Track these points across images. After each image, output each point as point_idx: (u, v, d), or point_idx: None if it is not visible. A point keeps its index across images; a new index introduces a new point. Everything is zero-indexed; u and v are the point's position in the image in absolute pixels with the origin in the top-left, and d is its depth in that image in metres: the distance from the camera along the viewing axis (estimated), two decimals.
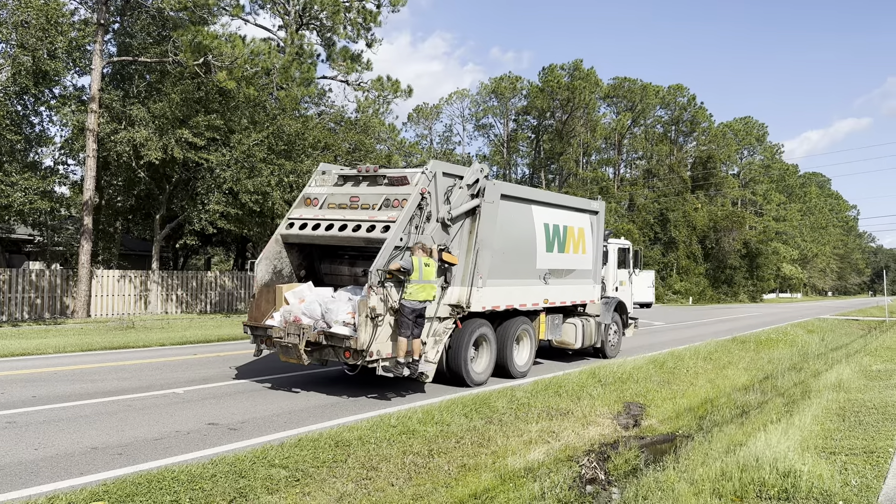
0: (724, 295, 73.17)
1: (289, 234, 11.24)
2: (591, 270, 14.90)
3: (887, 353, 16.83)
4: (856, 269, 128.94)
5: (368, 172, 11.12)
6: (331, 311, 9.95)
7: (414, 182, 10.36)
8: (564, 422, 9.13)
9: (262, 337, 10.54)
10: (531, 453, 7.58)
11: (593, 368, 12.90)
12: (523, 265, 12.64)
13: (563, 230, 13.73)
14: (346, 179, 11.45)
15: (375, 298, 9.36)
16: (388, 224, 10.06)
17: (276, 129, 27.05)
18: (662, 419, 9.95)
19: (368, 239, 10.25)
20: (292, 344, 9.82)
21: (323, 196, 11.36)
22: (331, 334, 9.64)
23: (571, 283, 14.20)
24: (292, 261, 11.59)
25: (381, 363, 9.66)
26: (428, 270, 9.69)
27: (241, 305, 31.69)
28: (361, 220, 10.47)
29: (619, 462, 7.60)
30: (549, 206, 13.43)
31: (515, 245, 12.36)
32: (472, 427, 8.39)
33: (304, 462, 6.63)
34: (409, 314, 9.54)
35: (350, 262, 11.81)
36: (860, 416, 8.84)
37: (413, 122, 77.80)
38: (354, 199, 10.91)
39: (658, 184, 77.62)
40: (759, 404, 10.71)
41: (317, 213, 11.14)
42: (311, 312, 10.07)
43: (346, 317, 9.83)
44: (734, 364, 15.42)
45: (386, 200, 10.49)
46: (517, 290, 12.42)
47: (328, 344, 9.69)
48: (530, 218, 12.80)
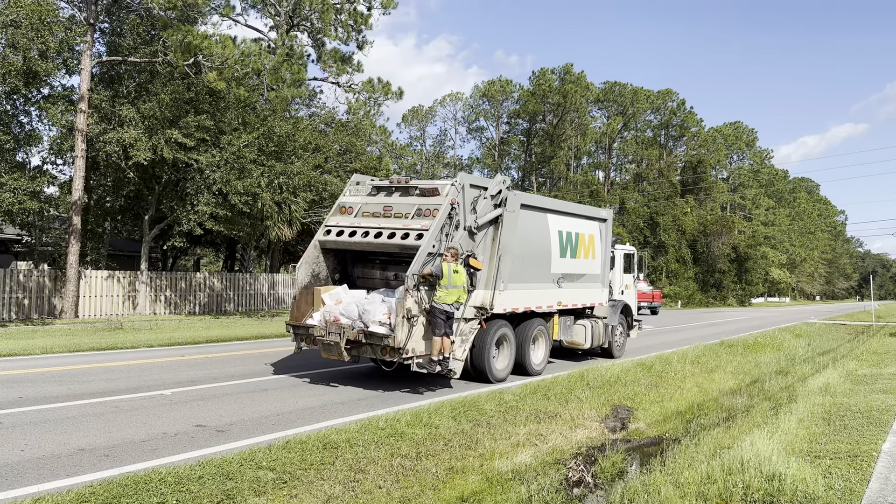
0: (713, 299, 73.54)
1: (326, 240, 12.03)
2: (600, 275, 15.77)
3: (873, 357, 16.97)
4: (844, 274, 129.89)
5: (400, 184, 11.93)
6: (368, 312, 10.69)
7: (444, 193, 11.19)
8: (552, 425, 9.16)
9: (303, 335, 11.31)
10: (518, 456, 7.61)
11: (581, 372, 12.95)
12: (540, 270, 13.46)
13: (576, 237, 14.60)
14: (379, 190, 12.24)
15: (411, 301, 10.20)
16: (421, 232, 10.87)
17: (267, 131, 27.01)
18: (650, 422, 10.00)
19: (403, 246, 11.07)
20: (334, 342, 10.56)
21: (357, 205, 12.11)
22: (370, 333, 10.45)
23: (582, 287, 15.04)
24: (328, 265, 12.33)
25: (415, 360, 10.48)
26: (457, 277, 10.51)
27: (230, 307, 31.60)
28: (396, 228, 11.27)
29: (607, 465, 7.64)
30: (562, 215, 14.30)
31: (533, 251, 13.17)
32: (460, 429, 8.41)
33: (291, 464, 6.63)
34: (440, 315, 10.34)
35: (381, 266, 12.54)
36: (845, 420, 8.91)
37: (407, 124, 77.91)
38: (388, 208, 11.70)
39: (648, 188, 77.96)
40: (745, 408, 10.77)
41: (352, 221, 11.90)
42: (348, 313, 10.83)
43: (383, 317, 10.60)
44: (722, 368, 15.51)
45: (418, 210, 11.31)
46: (534, 294, 13.21)
47: (367, 342, 10.49)
48: (546, 226, 13.64)
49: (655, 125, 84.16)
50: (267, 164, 26.26)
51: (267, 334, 19.72)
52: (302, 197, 30.75)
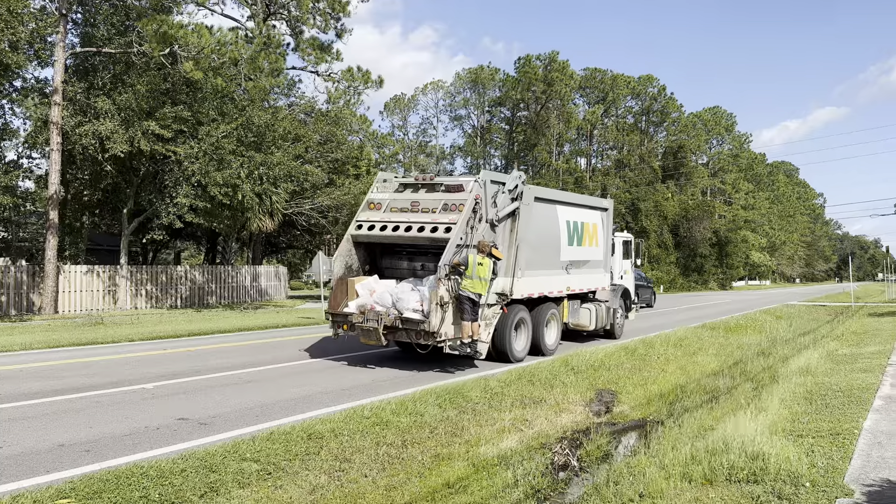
0: (695, 283, 74.12)
1: (359, 234, 12.89)
2: (603, 261, 16.73)
3: (853, 337, 17.18)
4: (823, 257, 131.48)
5: (426, 181, 12.82)
6: (401, 301, 11.57)
7: (469, 189, 12.00)
8: (537, 410, 9.18)
9: (341, 322, 12.17)
10: (504, 441, 7.61)
11: (565, 357, 12.98)
12: (551, 258, 14.33)
13: (581, 226, 15.51)
14: (405, 187, 13.10)
15: (443, 289, 11.13)
16: (449, 225, 11.71)
17: (245, 121, 26.73)
18: (634, 405, 10.05)
19: (433, 238, 11.94)
20: (373, 328, 11.44)
21: (385, 201, 12.97)
22: (406, 319, 11.32)
23: (587, 273, 15.98)
24: (359, 257, 13.17)
25: (447, 343, 11.43)
26: (480, 268, 11.32)
27: (212, 300, 31.37)
28: (425, 222, 12.10)
29: (591, 448, 7.66)
30: (569, 206, 15.24)
31: (545, 240, 14.05)
32: (446, 417, 8.40)
33: (275, 455, 6.58)
34: (466, 302, 11.28)
35: (408, 257, 13.40)
36: (826, 399, 9.01)
37: (389, 113, 77.50)
38: (415, 203, 12.54)
39: (629, 174, 78.25)
40: (728, 389, 10.86)
41: (382, 216, 12.77)
42: (382, 301, 11.74)
43: (416, 305, 11.51)
44: (704, 350, 15.62)
45: (444, 205, 12.13)
46: (547, 280, 14.13)
47: (403, 328, 11.37)
48: (556, 216, 14.54)
49: (636, 111, 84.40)
50: (246, 154, 26.01)
51: (249, 326, 19.60)
52: (283, 188, 30.51)
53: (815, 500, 5.18)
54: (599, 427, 8.70)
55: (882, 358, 12.73)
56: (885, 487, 5.35)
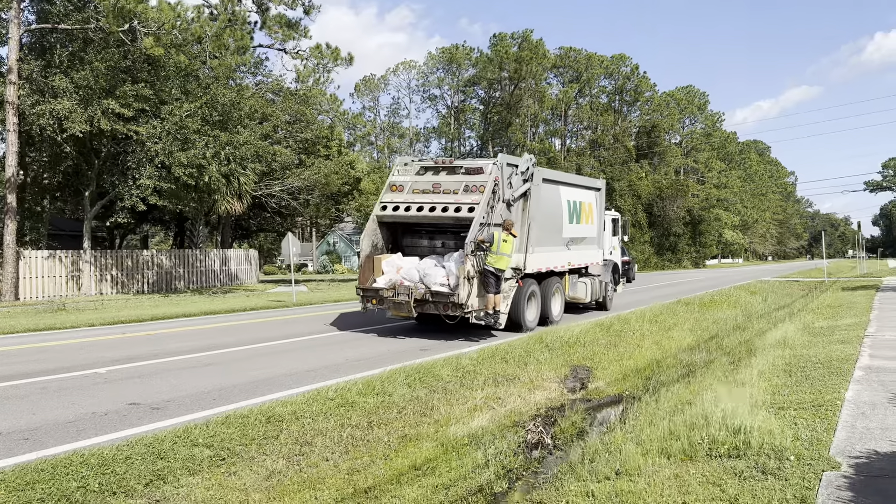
0: (669, 262, 74.57)
1: (383, 214, 13.53)
2: (596, 238, 17.74)
3: (829, 310, 17.11)
4: (794, 234, 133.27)
5: (446, 164, 13.50)
6: (429, 276, 12.45)
7: (488, 171, 12.80)
8: (510, 388, 8.85)
9: (371, 296, 12.94)
10: (475, 420, 7.26)
11: (540, 334, 12.67)
12: (555, 235, 15.24)
13: (579, 205, 16.40)
14: (426, 169, 13.72)
15: (469, 264, 11.96)
16: (472, 205, 12.51)
17: (210, 99, 25.94)
18: (609, 381, 9.76)
19: (457, 218, 12.71)
20: (404, 301, 12.34)
21: (407, 183, 13.60)
22: (435, 293, 12.23)
23: (584, 249, 16.98)
24: (383, 236, 13.85)
25: (473, 314, 12.27)
26: (505, 245, 12.24)
27: (181, 284, 30.66)
28: (448, 203, 12.84)
29: (566, 425, 7.35)
30: (569, 186, 16.09)
31: (551, 219, 14.86)
32: (415, 396, 8.03)
33: (230, 440, 6.16)
34: (491, 276, 12.18)
35: (428, 236, 14.21)
36: (806, 371, 8.78)
37: (359, 94, 76.38)
38: (436, 185, 13.23)
39: (604, 154, 78.20)
40: (705, 363, 10.62)
41: (405, 198, 13.42)
42: (410, 277, 12.62)
43: (442, 279, 12.37)
44: (679, 325, 15.42)
45: (466, 186, 12.86)
46: (553, 255, 15.08)
47: (432, 300, 12.22)
48: (559, 196, 15.36)
49: (610, 91, 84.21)
50: (211, 134, 25.26)
51: (215, 310, 19.04)
52: (251, 169, 29.79)
53: (800, 474, 4.89)
54: (574, 404, 8.39)
55: (859, 329, 12.60)
56: (873, 459, 5.08)
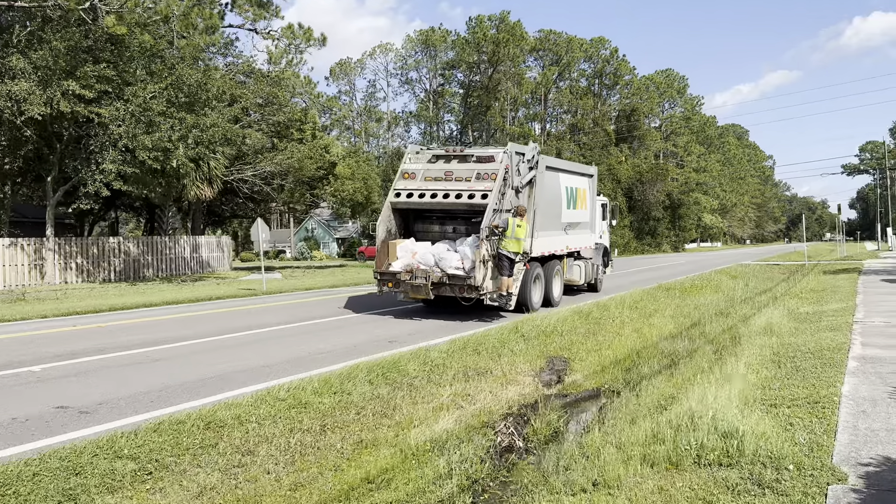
0: (648, 246, 74.44)
1: (398, 201, 13.94)
2: (589, 223, 18.30)
3: (813, 295, 16.67)
4: (772, 218, 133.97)
5: (457, 152, 13.99)
6: (444, 260, 12.88)
7: (499, 160, 13.24)
8: (481, 383, 8.21)
9: (388, 280, 13.33)
10: (441, 422, 6.62)
11: (515, 323, 12.04)
12: (556, 220, 15.63)
13: (575, 191, 16.87)
14: (438, 157, 14.13)
15: (485, 248, 12.40)
16: (485, 192, 12.92)
17: (176, 80, 24.89)
18: (587, 374, 9.17)
19: (471, 204, 13.13)
20: (422, 284, 12.72)
21: (420, 171, 14.00)
22: (452, 275, 12.64)
23: (579, 233, 17.42)
24: (396, 222, 14.27)
25: (488, 296, 12.80)
26: (519, 230, 12.75)
27: (149, 272, 29.69)
28: (462, 190, 13.26)
29: (540, 425, 6.73)
30: (567, 173, 16.61)
31: (552, 205, 15.27)
32: (377, 395, 7.36)
33: (161, 451, 5.46)
34: (506, 260, 12.69)
35: (439, 222, 14.66)
36: (796, 361, 8.24)
37: (335, 78, 75.07)
38: (449, 173, 13.61)
39: (583, 138, 77.70)
40: (688, 353, 10.06)
41: (418, 185, 13.82)
42: (425, 261, 13.05)
43: (457, 263, 12.80)
44: (660, 312, 14.89)
45: (478, 174, 13.27)
46: (554, 240, 15.53)
47: (449, 283, 12.65)
48: (559, 183, 15.78)
49: (589, 74, 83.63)
50: (177, 116, 24.24)
51: (180, 300, 18.22)
52: (222, 153, 28.81)
53: (802, 487, 4.29)
54: (549, 400, 7.77)
55: (846, 315, 12.12)
56: (883, 469, 4.49)
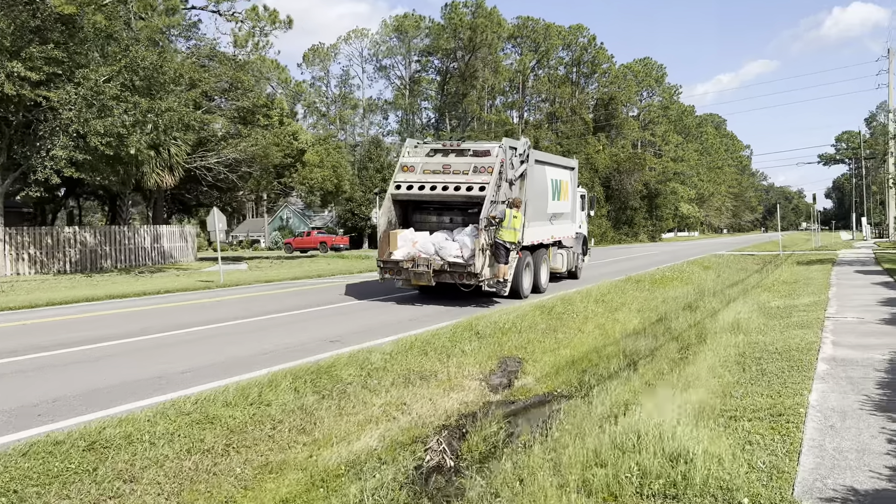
0: (626, 236, 74.16)
1: (398, 193, 14.53)
2: (571, 213, 18.91)
3: (785, 287, 16.15)
4: (749, 207, 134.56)
5: (454, 147, 14.70)
6: (444, 249, 13.55)
7: (495, 154, 13.89)
8: (422, 389, 7.50)
9: (390, 268, 13.85)
10: (365, 438, 5.90)
11: (471, 320, 11.32)
12: (543, 211, 16.21)
13: (559, 183, 17.54)
14: (435, 151, 14.77)
15: (483, 237, 13.04)
16: (482, 185, 13.58)
17: (130, 62, 23.80)
18: (540, 376, 8.50)
19: (469, 196, 13.80)
20: (424, 271, 13.32)
21: (418, 164, 14.63)
22: (453, 263, 13.25)
23: (562, 223, 18.06)
24: (396, 213, 14.84)
25: (486, 282, 13.38)
26: (515, 220, 13.40)
27: (107, 263, 28.62)
28: (459, 182, 13.90)
29: (476, 440, 6.04)
30: (553, 166, 17.29)
31: (540, 196, 15.87)
32: (300, 406, 6.61)
33: (25, 479, 4.68)
34: (502, 248, 13.32)
35: (437, 213, 15.33)
36: (762, 363, 7.62)
37: (308, 63, 73.72)
38: (447, 166, 14.26)
39: (561, 127, 77.13)
40: (650, 352, 9.44)
41: (418, 178, 14.44)
42: (425, 250, 13.71)
43: (456, 251, 13.44)
44: (627, 305, 14.29)
45: (474, 167, 13.91)
46: (542, 229, 16.09)
47: (449, 270, 13.26)
48: (545, 176, 16.40)
49: (567, 62, 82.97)
50: (131, 100, 23.17)
51: (128, 293, 17.31)
52: (182, 139, 27.77)
53: None
54: (494, 408, 7.09)
55: (818, 311, 11.56)
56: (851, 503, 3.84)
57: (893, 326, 9.76)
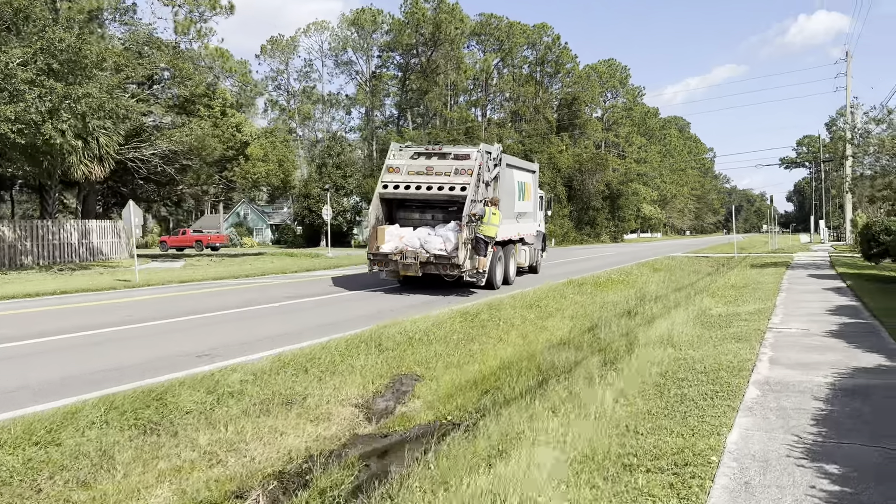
0: (588, 236, 73.55)
1: (385, 192, 15.75)
2: (533, 213, 20.39)
3: (732, 292, 15.14)
4: (712, 209, 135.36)
5: (437, 150, 16.00)
6: (428, 243, 14.68)
7: (474, 157, 15.17)
8: (278, 420, 6.19)
9: (380, 260, 14.99)
10: (161, 492, 4.57)
11: (375, 330, 9.97)
12: (511, 210, 17.43)
13: (524, 185, 19.05)
14: (419, 154, 16.04)
15: (465, 233, 14.18)
16: (464, 185, 14.86)
17: (46, 45, 22.04)
18: (434, 399, 7.24)
19: (451, 195, 15.06)
20: (412, 263, 14.49)
21: (403, 166, 15.86)
22: (438, 255, 14.37)
23: (527, 222, 19.44)
24: (383, 210, 16.03)
25: (467, 273, 14.58)
26: (494, 217, 14.78)
27: (29, 260, 26.74)
28: (444, 183, 15.18)
29: (312, 494, 4.74)
30: (519, 169, 18.70)
31: (510, 196, 17.21)
32: (101, 447, 5.21)
33: None
34: (482, 242, 14.57)
35: (419, 210, 16.62)
36: (684, 386, 6.46)
37: (266, 55, 71.69)
38: (430, 168, 15.49)
39: (525, 126, 76.21)
40: (568, 369, 8.24)
41: (403, 178, 15.67)
42: (412, 244, 14.82)
43: (440, 245, 14.53)
44: (562, 311, 13.14)
45: (456, 170, 15.17)
46: (511, 227, 17.36)
47: (435, 262, 14.39)
48: (513, 178, 17.77)
49: (532, 61, 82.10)
50: (46, 85, 21.43)
51: (42, 292, 15.72)
52: (114, 129, 26.01)
53: None
54: (358, 445, 5.81)
55: (761, 320, 10.50)
56: None
57: (839, 340, 8.71)
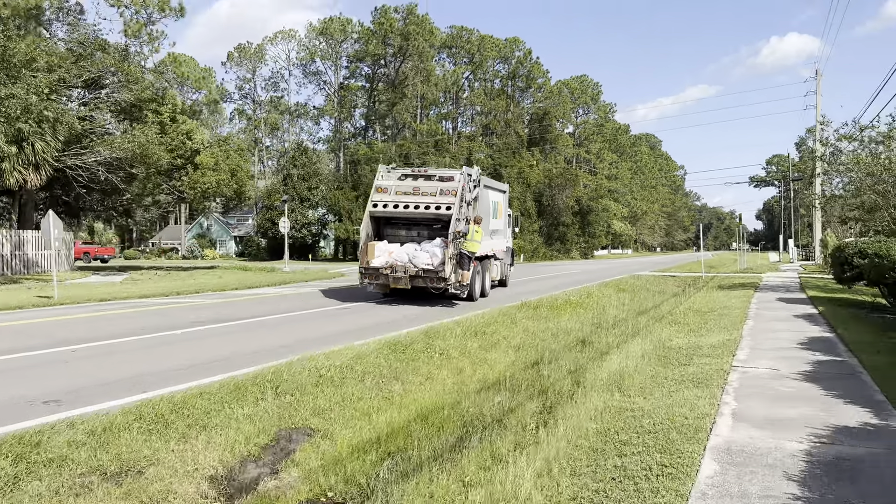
0: (558, 252, 72.62)
1: (375, 211, 17.11)
2: (504, 230, 21.77)
3: (695, 319, 13.96)
4: (682, 226, 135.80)
5: (423, 173, 17.35)
6: (416, 258, 16.00)
7: (457, 179, 16.61)
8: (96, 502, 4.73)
9: (371, 274, 16.32)
10: None
11: (279, 368, 8.54)
12: (487, 228, 18.25)
13: (496, 204, 20.39)
14: (406, 176, 17.30)
15: (451, 248, 15.59)
16: (449, 205, 16.30)
17: None
18: (319, 465, 5.81)
19: (438, 214, 16.52)
20: (402, 276, 15.83)
21: (391, 186, 17.19)
22: (426, 269, 15.75)
23: (498, 239, 20.69)
24: (373, 227, 17.27)
25: (452, 286, 15.89)
26: (476, 234, 16.42)
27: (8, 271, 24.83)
28: (430, 202, 16.57)
29: None
30: (493, 190, 19.99)
31: (486, 215, 18.09)
32: None
33: None
34: (466, 258, 16.04)
35: (406, 227, 17.83)
36: (625, 455, 5.15)
37: (234, 64, 70.02)
38: (416, 188, 16.86)
39: (495, 140, 75.31)
40: (497, 419, 6.89)
41: (392, 198, 17.01)
42: (400, 259, 16.16)
43: (427, 260, 15.87)
44: (508, 340, 11.78)
45: (441, 190, 16.57)
46: (487, 243, 18.32)
47: (423, 276, 15.74)
48: (488, 198, 18.97)
49: (503, 75, 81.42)
50: None
51: None
52: (51, 134, 24.35)
53: None
54: None
55: (725, 356, 9.26)
56: None
57: (814, 385, 7.48)
